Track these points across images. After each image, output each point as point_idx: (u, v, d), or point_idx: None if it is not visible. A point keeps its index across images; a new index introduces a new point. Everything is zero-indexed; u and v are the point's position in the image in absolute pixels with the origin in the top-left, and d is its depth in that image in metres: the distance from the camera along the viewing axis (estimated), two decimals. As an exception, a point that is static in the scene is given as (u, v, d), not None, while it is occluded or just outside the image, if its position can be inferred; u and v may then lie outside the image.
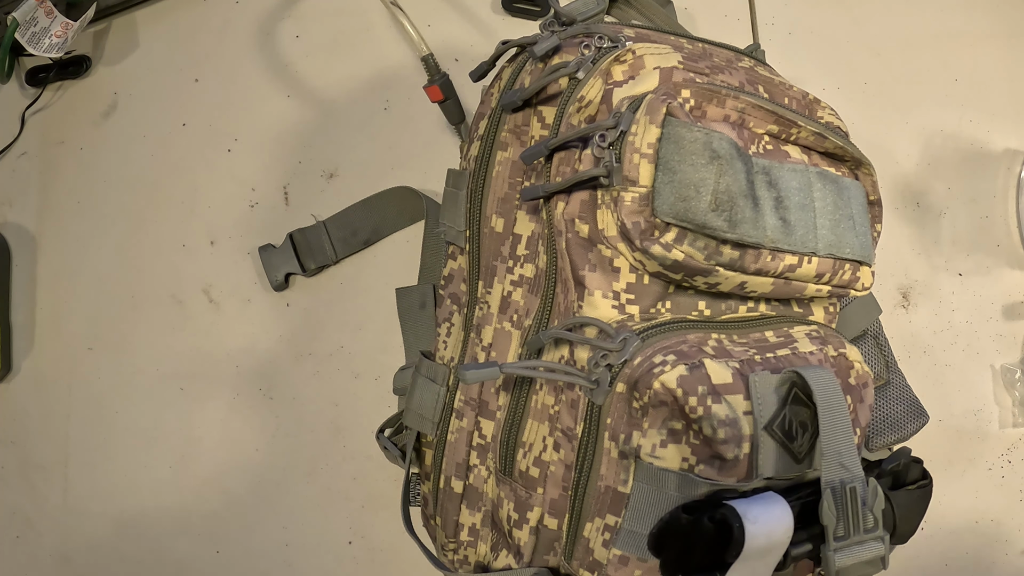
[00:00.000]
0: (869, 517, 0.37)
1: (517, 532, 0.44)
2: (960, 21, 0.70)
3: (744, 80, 0.45)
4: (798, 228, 0.42)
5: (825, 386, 0.38)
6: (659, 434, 0.38)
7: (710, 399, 0.37)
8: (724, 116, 0.43)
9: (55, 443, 0.69)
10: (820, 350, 0.43)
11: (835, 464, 0.37)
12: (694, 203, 0.39)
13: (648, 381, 0.38)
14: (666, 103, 0.39)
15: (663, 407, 0.38)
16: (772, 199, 0.42)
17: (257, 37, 0.69)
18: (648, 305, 0.42)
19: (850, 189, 0.46)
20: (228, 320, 0.68)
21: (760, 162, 0.42)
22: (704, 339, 0.41)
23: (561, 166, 0.42)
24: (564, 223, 0.42)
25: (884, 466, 0.42)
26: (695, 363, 0.38)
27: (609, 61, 0.41)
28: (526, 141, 0.45)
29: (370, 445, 0.57)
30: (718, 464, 0.38)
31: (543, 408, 0.44)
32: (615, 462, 0.40)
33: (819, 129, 0.45)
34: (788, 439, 0.39)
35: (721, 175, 0.39)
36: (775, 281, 0.43)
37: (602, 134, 0.40)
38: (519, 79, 0.45)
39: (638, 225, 0.39)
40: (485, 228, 0.47)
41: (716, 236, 0.39)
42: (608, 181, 0.40)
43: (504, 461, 0.45)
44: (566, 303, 0.42)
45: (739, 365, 0.39)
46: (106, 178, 0.70)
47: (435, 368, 0.50)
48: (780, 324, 0.45)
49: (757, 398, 0.38)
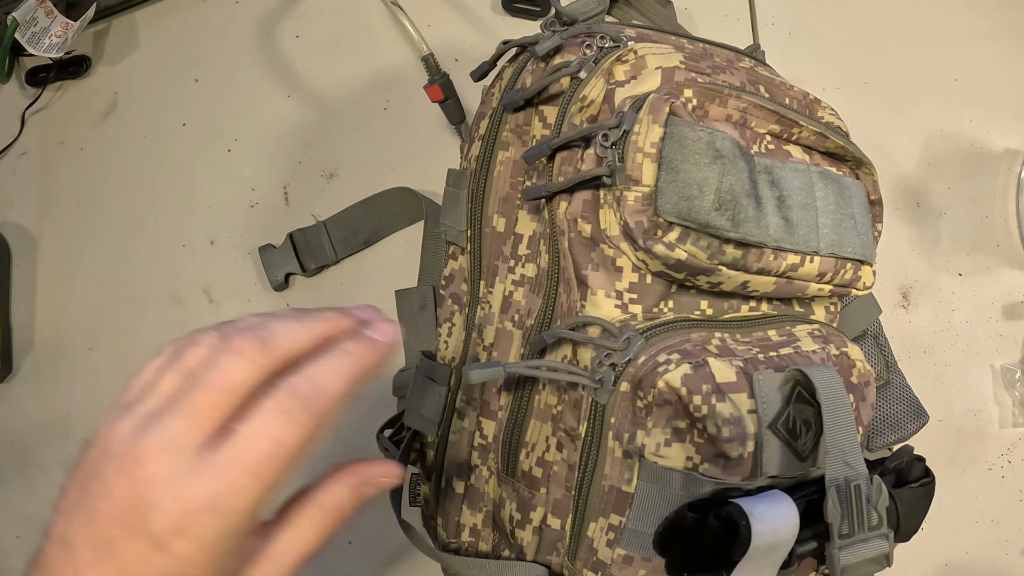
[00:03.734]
0: (873, 515, 0.37)
1: (520, 532, 0.44)
2: (960, 21, 0.70)
3: (745, 80, 0.45)
4: (800, 227, 0.42)
5: (829, 384, 0.38)
6: (663, 433, 0.38)
7: (714, 397, 0.37)
8: (726, 116, 0.42)
9: (55, 443, 0.69)
10: (823, 348, 0.43)
11: (839, 462, 0.37)
12: (697, 202, 0.39)
13: (652, 380, 0.38)
14: (669, 102, 0.39)
15: (667, 406, 0.38)
16: (775, 198, 0.42)
17: (257, 37, 0.69)
18: (651, 304, 0.42)
19: (851, 188, 0.46)
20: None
21: (762, 161, 0.42)
22: (708, 338, 0.41)
23: (563, 166, 0.42)
24: (567, 222, 0.42)
25: (887, 464, 0.42)
26: (699, 362, 0.38)
27: (611, 61, 0.41)
28: (527, 141, 0.45)
29: (370, 445, 0.57)
30: (722, 463, 0.38)
31: (546, 408, 0.43)
32: (619, 461, 0.40)
33: (820, 129, 0.45)
34: (792, 437, 0.39)
35: (724, 174, 0.39)
36: (777, 280, 0.43)
37: (605, 133, 0.40)
38: (520, 79, 0.45)
39: (641, 224, 0.39)
40: (486, 228, 0.47)
41: (719, 235, 0.39)
42: (611, 180, 0.40)
43: (506, 461, 0.45)
44: (568, 302, 0.42)
45: (743, 364, 0.39)
46: (106, 178, 0.70)
47: (436, 368, 0.50)
48: (783, 323, 0.45)
49: (761, 396, 0.38)
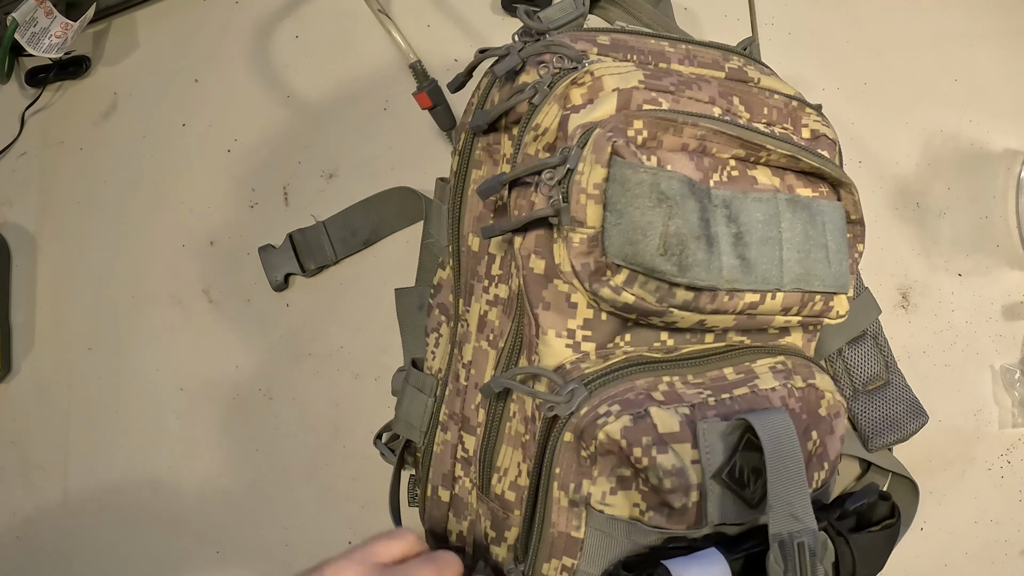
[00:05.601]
0: (819, 570, 0.36)
1: (495, 548, 0.45)
2: (960, 21, 0.70)
3: (716, 94, 0.43)
4: (759, 264, 0.40)
5: (776, 434, 0.37)
6: (608, 481, 0.38)
7: (655, 449, 0.37)
8: (682, 145, 0.40)
9: (55, 443, 0.69)
10: (784, 384, 0.41)
11: (785, 515, 0.36)
12: (642, 247, 0.37)
13: (593, 432, 0.37)
14: (612, 141, 0.38)
15: (610, 455, 0.38)
16: (731, 235, 0.40)
17: (257, 37, 0.69)
18: (605, 340, 0.41)
19: (825, 213, 0.43)
20: (228, 320, 0.68)
21: (720, 194, 0.40)
22: (655, 383, 0.39)
23: (519, 199, 0.41)
24: (520, 258, 0.41)
25: (848, 506, 0.41)
26: (640, 412, 0.37)
27: (565, 85, 0.39)
28: (498, 160, 0.44)
29: (370, 445, 0.57)
30: (667, 511, 0.38)
31: (516, 435, 0.43)
32: (565, 510, 0.39)
33: (791, 151, 0.42)
34: (739, 486, 0.38)
35: (670, 218, 0.37)
36: (737, 317, 0.41)
37: (550, 172, 0.38)
38: (490, 96, 0.44)
39: (587, 266, 0.38)
40: (463, 246, 0.46)
41: (666, 280, 0.38)
42: (557, 221, 0.38)
43: (482, 480, 0.45)
44: (528, 335, 0.42)
45: (689, 411, 0.38)
46: (106, 178, 0.70)
47: (423, 378, 0.50)
48: (742, 359, 0.43)
49: (705, 446, 0.37)
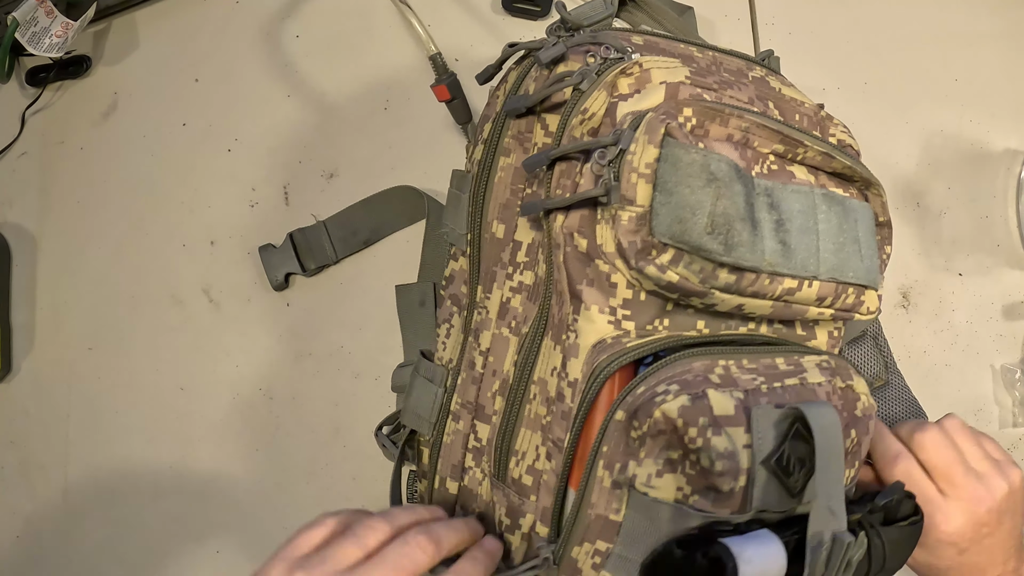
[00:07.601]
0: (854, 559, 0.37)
1: (509, 536, 0.44)
2: (960, 21, 0.70)
3: (754, 95, 0.44)
4: (799, 251, 0.42)
5: (825, 426, 0.37)
6: (655, 463, 0.38)
7: (710, 431, 0.37)
8: (727, 135, 0.42)
9: (55, 443, 0.69)
10: (829, 382, 0.42)
11: (824, 509, 0.37)
12: (690, 225, 0.38)
13: (649, 409, 0.37)
14: (665, 123, 0.39)
15: (661, 436, 0.38)
16: (773, 221, 0.41)
17: (257, 37, 0.69)
18: (645, 322, 0.41)
19: (857, 211, 0.45)
20: (228, 320, 0.68)
21: (762, 183, 0.41)
22: (711, 366, 0.40)
23: (562, 178, 0.41)
24: (563, 236, 0.41)
25: (877, 501, 0.41)
26: (698, 393, 0.37)
27: (615, 74, 0.41)
28: (529, 148, 0.44)
29: (370, 445, 0.57)
30: (713, 496, 0.38)
31: (536, 418, 0.43)
32: (607, 491, 0.39)
33: (826, 149, 0.44)
34: (784, 474, 0.38)
35: (719, 198, 0.39)
36: (774, 304, 0.42)
37: (602, 151, 0.39)
38: (524, 84, 0.45)
39: (634, 244, 0.39)
40: (486, 233, 0.46)
41: (712, 259, 0.39)
42: (606, 200, 0.39)
43: (498, 466, 0.45)
44: (560, 315, 0.42)
45: (743, 396, 0.39)
46: (106, 178, 0.70)
47: (434, 369, 0.50)
48: (792, 352, 0.44)
49: (758, 432, 0.38)
